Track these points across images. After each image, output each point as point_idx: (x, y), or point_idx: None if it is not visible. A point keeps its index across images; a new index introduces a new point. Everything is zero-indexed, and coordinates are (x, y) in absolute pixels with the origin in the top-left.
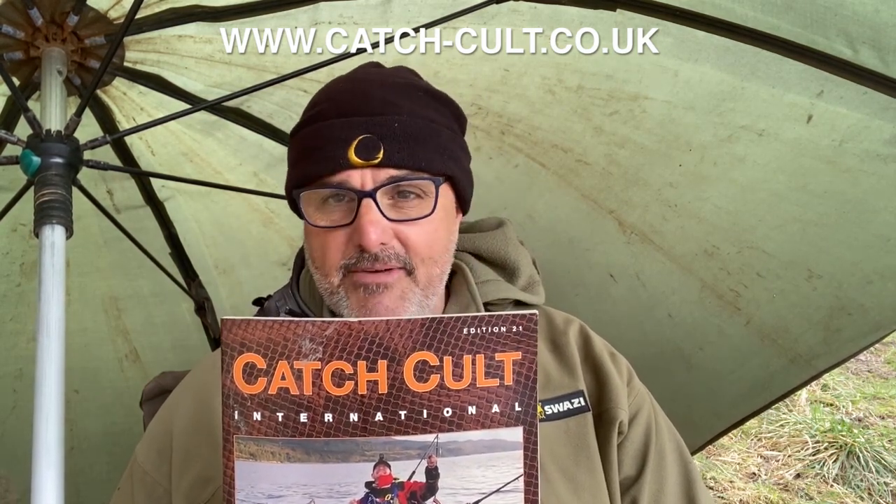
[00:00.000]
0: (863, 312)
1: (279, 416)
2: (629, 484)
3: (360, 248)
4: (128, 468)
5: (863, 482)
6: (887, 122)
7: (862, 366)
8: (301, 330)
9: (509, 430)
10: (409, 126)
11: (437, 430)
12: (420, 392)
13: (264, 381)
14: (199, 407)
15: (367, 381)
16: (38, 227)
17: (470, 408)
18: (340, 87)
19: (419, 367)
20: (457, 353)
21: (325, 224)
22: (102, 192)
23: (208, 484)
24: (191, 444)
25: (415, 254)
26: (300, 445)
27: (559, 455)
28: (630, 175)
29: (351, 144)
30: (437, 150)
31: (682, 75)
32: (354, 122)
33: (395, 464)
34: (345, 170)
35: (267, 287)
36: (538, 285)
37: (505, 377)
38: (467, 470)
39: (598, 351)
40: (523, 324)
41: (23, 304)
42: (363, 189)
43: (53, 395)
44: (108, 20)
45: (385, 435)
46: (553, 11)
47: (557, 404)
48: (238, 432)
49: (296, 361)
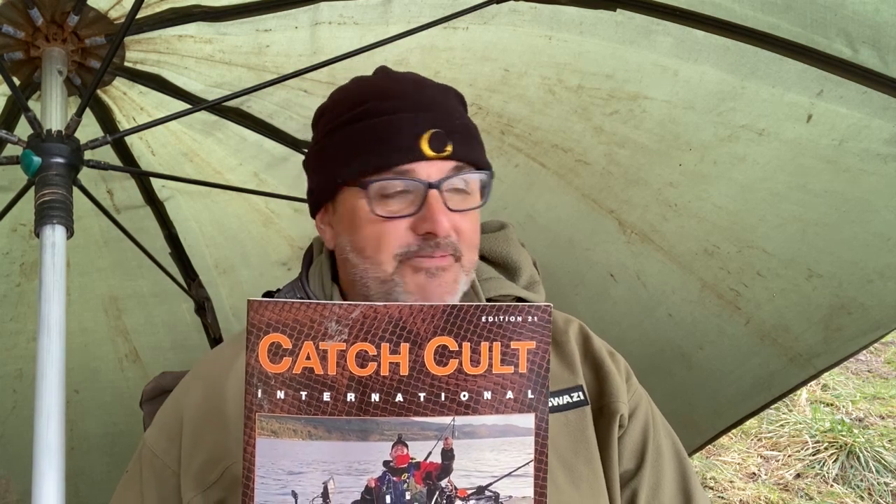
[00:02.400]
0: (863, 311)
1: (303, 395)
2: (628, 477)
3: (426, 235)
4: (136, 452)
5: (863, 482)
6: (887, 121)
7: (862, 366)
8: (328, 312)
9: (522, 417)
10: (466, 124)
11: (454, 413)
12: (439, 375)
13: (289, 360)
14: (209, 393)
15: (389, 362)
16: (38, 227)
17: (486, 393)
18: (388, 86)
19: (439, 351)
20: (475, 339)
21: (386, 214)
22: (102, 192)
23: (217, 464)
24: (201, 428)
25: (464, 242)
26: (322, 424)
27: (559, 446)
28: (630, 175)
29: (422, 137)
30: (481, 147)
31: (682, 75)
32: (422, 118)
33: (413, 444)
34: (416, 161)
35: (267, 287)
36: (539, 285)
37: (519, 365)
38: (481, 453)
39: (597, 349)
40: (538, 314)
41: (23, 304)
42: (429, 180)
43: (54, 395)
44: (108, 20)
45: (404, 416)
46: (553, 11)
47: (557, 398)
48: (261, 410)
49: (321, 342)
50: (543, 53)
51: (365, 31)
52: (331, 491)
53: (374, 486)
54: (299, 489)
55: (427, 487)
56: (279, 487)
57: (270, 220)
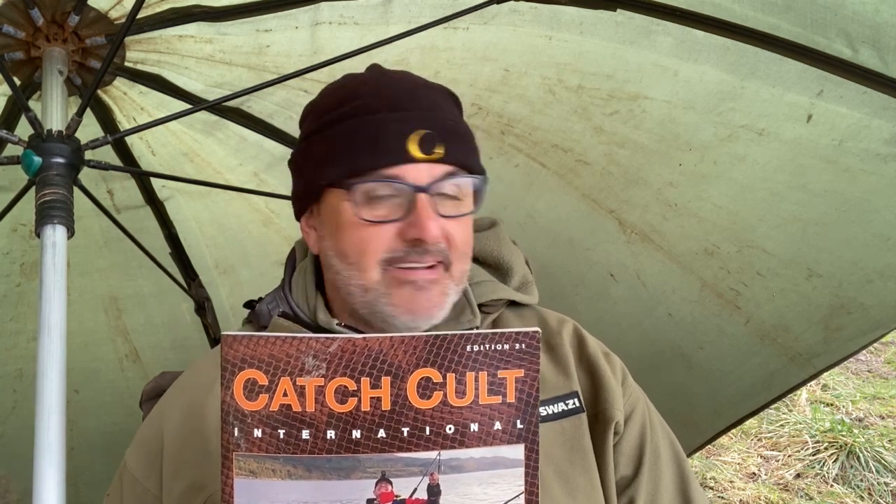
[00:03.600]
0: (863, 311)
1: (280, 433)
2: (626, 484)
3: (414, 241)
4: (117, 474)
5: (863, 482)
6: (887, 121)
7: (862, 366)
8: (304, 346)
9: (511, 448)
10: (458, 125)
11: (440, 447)
12: (423, 409)
13: (266, 397)
14: (190, 413)
15: (370, 397)
16: (39, 227)
17: (472, 425)
18: (378, 84)
19: (422, 383)
20: (460, 370)
21: (372, 218)
22: (103, 192)
23: (200, 491)
24: (182, 451)
25: (454, 249)
26: (302, 463)
27: (554, 456)
28: (630, 175)
29: (409, 138)
30: (475, 151)
31: (682, 75)
32: (410, 117)
33: (398, 481)
34: (404, 163)
35: (267, 287)
36: (531, 285)
37: (507, 394)
38: (469, 487)
39: (592, 351)
40: (526, 341)
41: (23, 304)
42: (418, 184)
43: (55, 394)
44: (108, 20)
45: (387, 451)
46: (553, 11)
47: (552, 405)
48: (238, 449)
49: (298, 378)
50: (543, 53)
51: (365, 31)
52: None
53: None
54: None
55: None
56: None
57: (270, 220)
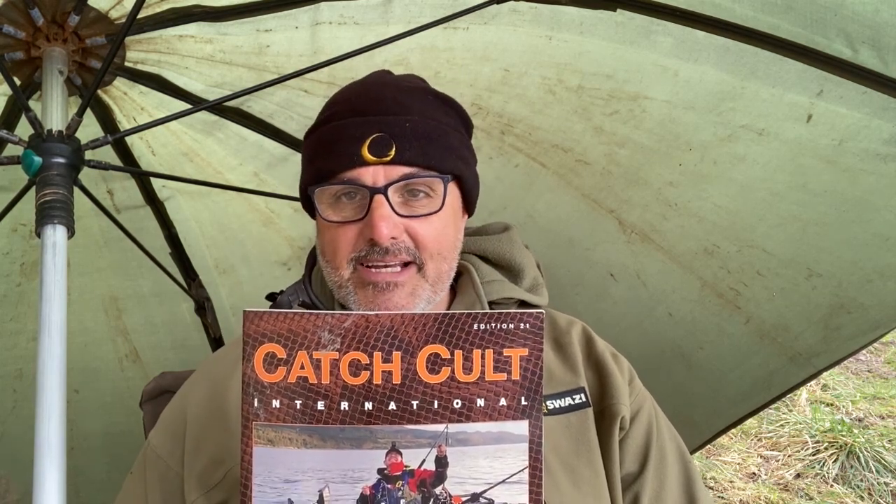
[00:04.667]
0: (862, 311)
1: (297, 404)
2: (631, 480)
3: (370, 241)
4: (140, 453)
5: (863, 482)
6: (886, 121)
7: (862, 366)
8: (321, 322)
9: (515, 423)
10: (420, 126)
11: (447, 421)
12: (432, 383)
13: (284, 370)
14: (213, 394)
15: (381, 371)
16: (39, 226)
17: (479, 400)
18: (354, 90)
19: (431, 359)
20: (467, 347)
21: (337, 219)
22: (103, 192)
23: (220, 466)
24: (204, 429)
25: (423, 249)
26: (317, 432)
27: (561, 448)
28: (630, 174)
29: (364, 142)
30: (446, 150)
31: (682, 75)
32: (368, 122)
33: (407, 452)
34: (358, 166)
35: (267, 287)
36: (542, 287)
37: (512, 372)
38: (475, 460)
39: (600, 351)
40: (530, 321)
41: (23, 304)
42: (375, 185)
43: (55, 394)
44: (108, 20)
45: (397, 423)
46: (553, 12)
47: (559, 399)
48: (257, 419)
49: (315, 352)
50: (543, 53)
51: (365, 31)
52: (326, 499)
53: (368, 493)
54: (295, 497)
55: (422, 495)
56: (276, 495)
57: (270, 220)
